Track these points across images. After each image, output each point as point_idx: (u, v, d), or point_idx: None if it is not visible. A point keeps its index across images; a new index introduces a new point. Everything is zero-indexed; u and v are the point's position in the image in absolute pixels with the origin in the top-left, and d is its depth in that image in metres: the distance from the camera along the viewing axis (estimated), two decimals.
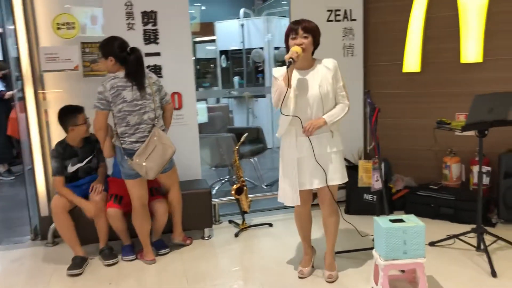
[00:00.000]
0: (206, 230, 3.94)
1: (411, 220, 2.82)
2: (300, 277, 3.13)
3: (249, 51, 7.84)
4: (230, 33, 8.06)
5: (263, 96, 7.96)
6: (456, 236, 3.47)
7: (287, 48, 2.90)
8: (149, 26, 4.01)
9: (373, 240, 3.38)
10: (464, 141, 4.25)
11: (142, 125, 3.31)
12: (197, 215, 3.86)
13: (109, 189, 3.62)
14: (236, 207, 4.24)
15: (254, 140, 5.52)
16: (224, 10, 9.55)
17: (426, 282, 2.76)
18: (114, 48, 3.26)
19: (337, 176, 2.94)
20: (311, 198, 3.04)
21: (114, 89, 3.22)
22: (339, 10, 4.44)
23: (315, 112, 2.84)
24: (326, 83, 2.84)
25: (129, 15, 3.95)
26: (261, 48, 7.75)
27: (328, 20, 4.42)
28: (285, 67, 2.86)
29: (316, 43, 2.87)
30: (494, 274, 3.01)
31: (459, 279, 3.00)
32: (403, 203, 4.27)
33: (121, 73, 3.27)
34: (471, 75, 4.19)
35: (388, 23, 4.47)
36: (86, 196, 3.55)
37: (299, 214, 3.10)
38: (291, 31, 2.84)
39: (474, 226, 3.49)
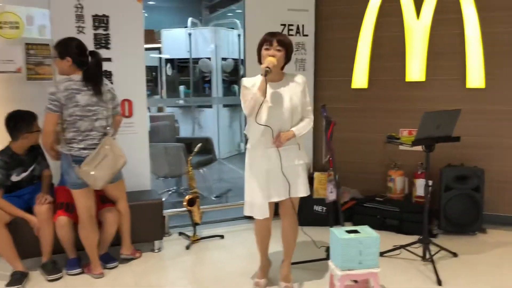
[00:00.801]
0: (156, 242, 3.82)
1: (366, 231, 2.90)
2: None
3: (196, 60, 7.79)
4: (176, 41, 7.97)
5: (210, 107, 7.94)
6: (403, 247, 3.61)
7: (259, 58, 2.91)
8: (100, 31, 3.86)
9: (326, 251, 3.46)
10: (407, 155, 4.47)
11: (93, 132, 3.17)
12: (147, 227, 3.73)
13: (57, 197, 3.42)
14: (186, 218, 4.18)
15: (203, 151, 5.46)
16: (169, 18, 9.46)
17: None
18: (72, 49, 3.13)
19: (303, 189, 2.99)
20: (273, 210, 3.04)
21: (68, 91, 3.07)
22: (292, 25, 4.54)
23: (284, 125, 2.87)
24: (296, 97, 2.88)
25: (79, 18, 3.79)
26: (209, 58, 7.73)
27: None
28: (255, 77, 2.88)
29: (287, 58, 2.90)
30: (439, 282, 3.16)
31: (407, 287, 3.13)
32: (350, 214, 4.38)
33: (77, 76, 3.13)
34: (415, 93, 4.43)
35: (338, 40, 4.62)
36: (29, 206, 3.34)
37: (261, 226, 3.07)
38: (265, 42, 2.85)
39: (417, 236, 3.67)
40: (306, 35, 4.61)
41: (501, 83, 4.13)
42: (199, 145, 4.09)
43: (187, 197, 3.95)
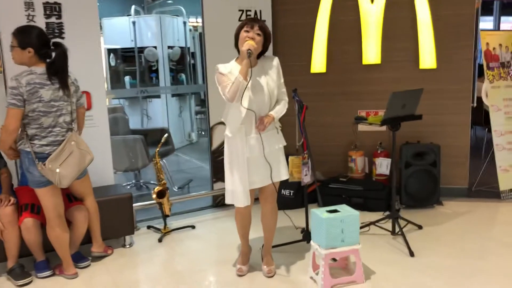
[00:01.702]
0: (127, 237, 3.71)
1: (345, 210, 3.00)
2: (239, 275, 3.11)
3: (141, 49, 7.55)
4: (119, 30, 7.66)
5: (158, 97, 7.75)
6: (373, 223, 3.76)
7: (236, 41, 2.87)
8: (53, 19, 3.64)
9: (301, 232, 3.53)
10: (364, 136, 4.65)
11: (56, 128, 3.00)
12: (117, 222, 3.61)
13: (19, 199, 3.21)
14: (151, 212, 4.12)
15: (167, 142, 5.35)
16: (107, 7, 9.05)
17: (362, 267, 2.96)
18: (33, 39, 2.93)
19: (284, 172, 3.02)
20: (254, 196, 3.05)
21: (30, 86, 2.87)
22: (250, 10, 4.52)
23: (264, 110, 2.87)
24: (271, 81, 2.89)
25: (29, 5, 3.54)
26: (154, 47, 7.52)
27: (240, 20, 4.45)
28: (229, 64, 2.85)
29: (264, 47, 2.90)
30: (412, 254, 3.33)
31: (383, 261, 3.26)
32: (315, 196, 4.47)
33: (39, 69, 2.93)
34: (371, 75, 4.58)
35: (295, 25, 4.66)
36: None
37: (242, 214, 3.06)
38: (246, 24, 2.82)
39: (380, 213, 3.83)
40: (264, 21, 4.56)
41: (452, 63, 4.37)
42: (165, 135, 4.00)
43: (156, 189, 3.86)
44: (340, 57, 4.62)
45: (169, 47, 7.69)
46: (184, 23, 7.94)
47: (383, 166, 4.45)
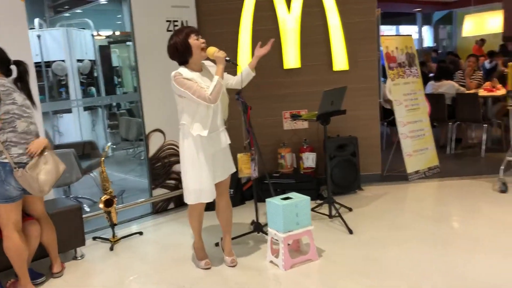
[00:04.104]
0: (78, 249, 3.68)
1: (297, 196, 3.34)
2: (208, 268, 3.29)
3: (48, 64, 7.26)
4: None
5: (69, 111, 7.49)
6: (312, 210, 4.14)
7: (185, 48, 3.04)
8: None
9: (251, 224, 3.81)
10: (289, 134, 5.08)
11: (29, 136, 3.01)
12: (68, 235, 3.56)
13: None
14: (91, 224, 4.14)
15: (90, 155, 5.28)
16: None
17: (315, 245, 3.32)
18: None
19: (232, 165, 3.31)
20: None
21: (5, 87, 2.90)
22: (176, 21, 4.71)
23: (220, 108, 3.14)
24: None
25: None
26: (63, 61, 7.29)
27: (168, 30, 4.63)
28: (183, 70, 3.03)
29: None
30: (350, 231, 3.78)
31: (329, 241, 3.66)
32: (252, 193, 4.78)
33: (6, 78, 2.97)
34: (293, 79, 5.03)
35: (220, 34, 4.94)
36: None
37: (200, 210, 3.25)
38: (193, 32, 3.04)
39: (313, 201, 4.25)
40: None
41: (361, 65, 4.98)
42: (108, 144, 4.02)
43: (103, 198, 3.86)
44: (263, 63, 4.95)
45: (78, 60, 7.50)
46: (92, 36, 7.79)
47: (309, 160, 4.94)
